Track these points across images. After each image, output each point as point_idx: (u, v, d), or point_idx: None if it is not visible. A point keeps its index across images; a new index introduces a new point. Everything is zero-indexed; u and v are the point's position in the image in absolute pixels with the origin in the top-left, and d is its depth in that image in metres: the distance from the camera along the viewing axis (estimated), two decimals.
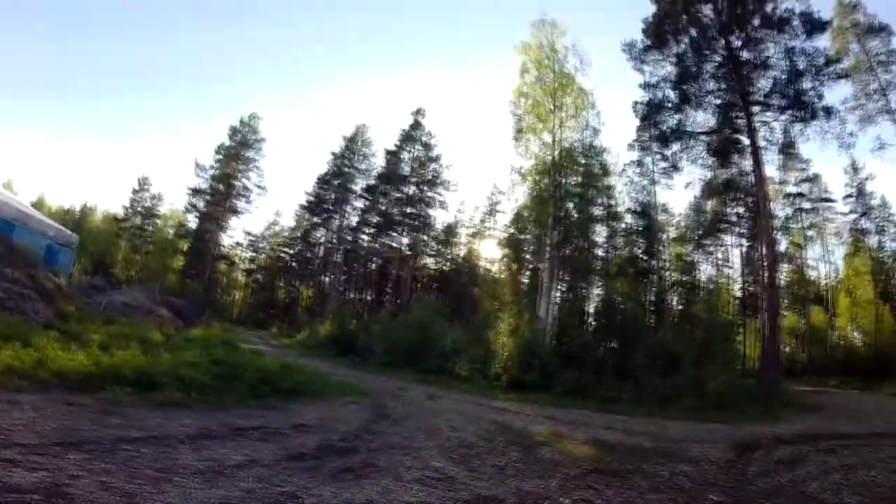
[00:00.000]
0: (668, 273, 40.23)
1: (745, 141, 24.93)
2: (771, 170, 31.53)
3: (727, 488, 6.42)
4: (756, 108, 24.19)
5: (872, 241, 41.95)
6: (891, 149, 28.55)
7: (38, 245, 24.48)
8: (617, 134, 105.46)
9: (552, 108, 28.36)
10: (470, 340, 23.69)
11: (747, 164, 26.05)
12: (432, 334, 23.23)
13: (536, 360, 20.71)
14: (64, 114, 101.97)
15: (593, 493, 5.77)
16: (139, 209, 63.58)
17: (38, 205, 57.73)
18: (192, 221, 56.44)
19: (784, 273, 40.58)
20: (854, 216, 42.65)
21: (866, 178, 42.04)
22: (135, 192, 64.02)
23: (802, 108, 23.66)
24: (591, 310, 37.10)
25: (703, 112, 25.91)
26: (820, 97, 23.76)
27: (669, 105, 26.37)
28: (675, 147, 27.02)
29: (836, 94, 52.17)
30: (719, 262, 42.68)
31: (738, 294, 42.52)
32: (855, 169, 42.32)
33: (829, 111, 23.83)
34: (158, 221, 64.06)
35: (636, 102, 27.93)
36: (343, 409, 10.25)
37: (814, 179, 44.03)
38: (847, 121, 25.08)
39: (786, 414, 16.16)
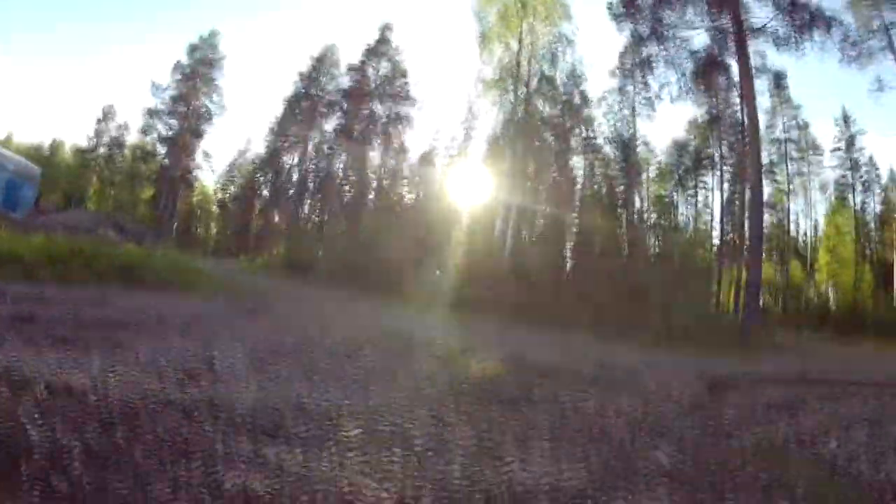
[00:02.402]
0: (647, 214, 38.86)
1: (734, 67, 23.00)
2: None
3: (687, 438, 4.05)
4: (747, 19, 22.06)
5: (858, 199, 39.67)
6: (890, 92, 26.16)
7: None
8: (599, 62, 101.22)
9: (520, 8, 26.16)
10: (422, 258, 22.31)
11: (734, 98, 24.19)
12: (378, 250, 21.99)
13: (488, 279, 19.28)
14: (22, 47, 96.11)
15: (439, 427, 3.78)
16: (105, 140, 60.82)
17: (7, 142, 55.01)
18: (154, 146, 54.09)
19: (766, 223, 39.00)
20: (840, 171, 40.05)
21: (857, 133, 39.25)
22: (99, 122, 61.11)
23: (799, 12, 21.63)
24: (568, 244, 35.80)
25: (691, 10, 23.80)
26: (819, 8, 21.80)
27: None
28: (653, 49, 25.08)
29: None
30: (698, 205, 40.98)
31: (717, 241, 40.89)
32: (846, 120, 39.44)
33: (829, 21, 21.93)
34: (126, 152, 61.20)
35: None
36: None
37: (803, 127, 40.53)
38: (851, 29, 23.02)
39: (765, 354, 14.31)
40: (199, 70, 50.42)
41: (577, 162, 38.03)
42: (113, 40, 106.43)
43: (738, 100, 24.70)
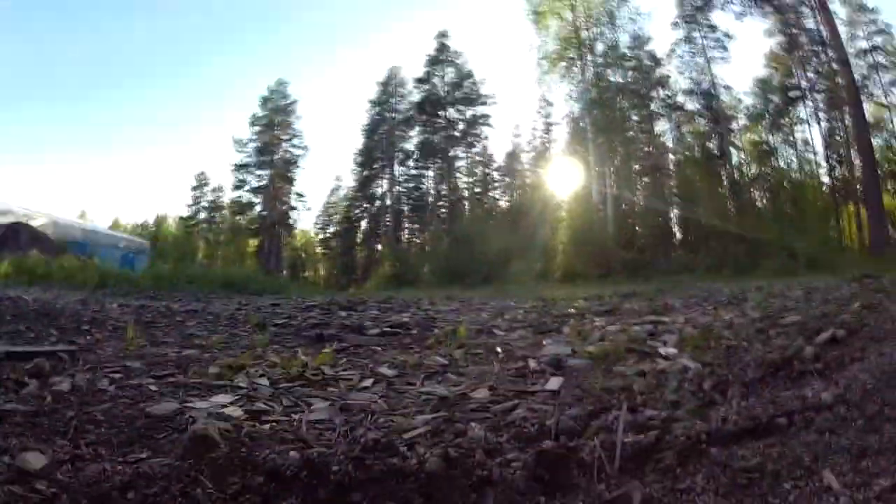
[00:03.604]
0: (746, 162, 36.69)
1: None
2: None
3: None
4: None
5: None
6: None
7: (113, 256, 27.24)
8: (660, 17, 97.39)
9: None
10: (523, 246, 22.09)
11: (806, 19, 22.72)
12: (476, 247, 21.96)
13: (591, 247, 18.87)
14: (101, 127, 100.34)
15: None
16: (204, 204, 64.10)
17: (114, 225, 59.49)
18: (248, 199, 56.61)
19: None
20: None
21: None
22: (194, 189, 64.61)
23: None
24: (671, 206, 34.48)
25: None
26: None
27: None
28: None
29: None
30: (798, 144, 37.80)
31: (826, 179, 36.96)
32: None
33: None
34: (225, 212, 64.34)
35: None
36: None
37: (887, 31, 33.97)
38: None
39: None
40: (274, 119, 52.55)
41: (663, 125, 36.80)
42: (194, 106, 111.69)
43: (811, 20, 22.87)
